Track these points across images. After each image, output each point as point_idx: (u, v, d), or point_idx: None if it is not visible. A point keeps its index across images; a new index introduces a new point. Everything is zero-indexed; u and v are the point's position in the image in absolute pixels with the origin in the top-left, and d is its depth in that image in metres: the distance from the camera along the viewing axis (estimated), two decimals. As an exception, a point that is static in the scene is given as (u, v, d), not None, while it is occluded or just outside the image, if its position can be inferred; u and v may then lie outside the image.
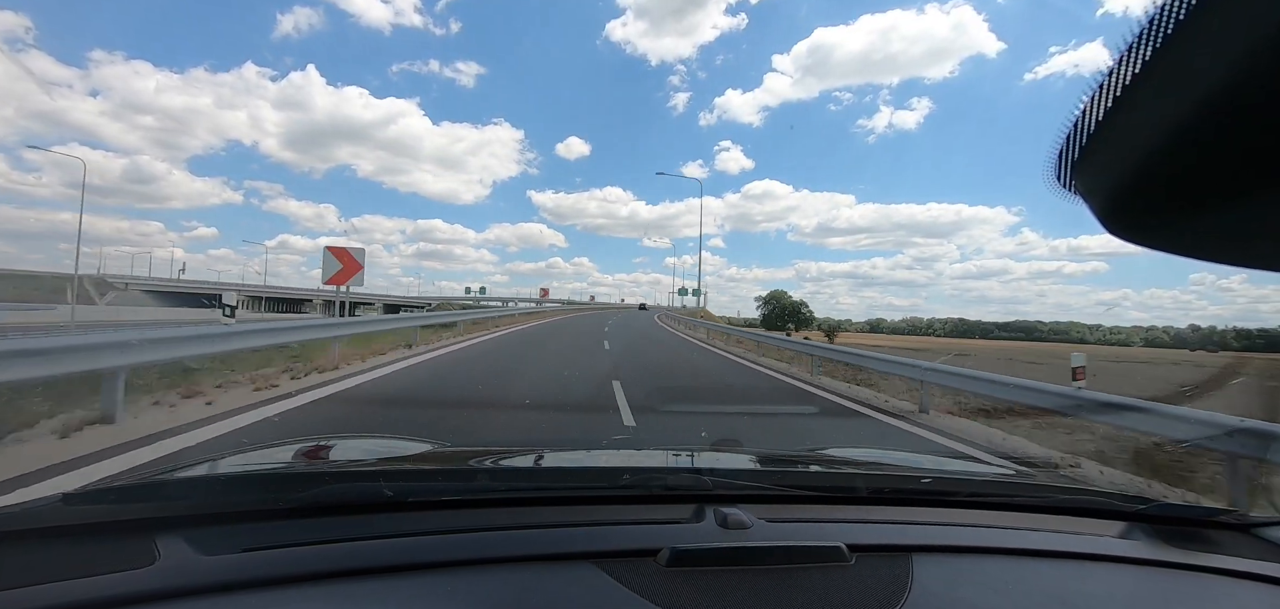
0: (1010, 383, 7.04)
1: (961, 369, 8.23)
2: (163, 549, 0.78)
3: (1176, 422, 4.80)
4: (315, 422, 5.53)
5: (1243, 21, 0.33)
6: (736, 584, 0.81)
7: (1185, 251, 0.49)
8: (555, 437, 5.53)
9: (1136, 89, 0.39)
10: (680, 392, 9.12)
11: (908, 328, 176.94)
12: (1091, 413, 5.81)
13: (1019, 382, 6.98)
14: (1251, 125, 0.36)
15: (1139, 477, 5.03)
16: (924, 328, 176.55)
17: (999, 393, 7.26)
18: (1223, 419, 4.27)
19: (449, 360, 10.93)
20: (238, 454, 1.47)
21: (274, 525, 0.89)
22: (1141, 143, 0.41)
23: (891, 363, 9.57)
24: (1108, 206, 0.48)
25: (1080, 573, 0.95)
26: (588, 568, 0.82)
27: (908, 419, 7.57)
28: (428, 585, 0.78)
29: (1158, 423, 4.98)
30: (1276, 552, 1.06)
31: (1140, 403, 5.26)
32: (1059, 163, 0.47)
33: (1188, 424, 4.65)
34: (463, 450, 1.47)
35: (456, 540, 0.87)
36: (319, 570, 0.78)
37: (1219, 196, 0.41)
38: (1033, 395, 6.64)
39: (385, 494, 0.96)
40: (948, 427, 7.17)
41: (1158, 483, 4.79)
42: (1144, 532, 1.08)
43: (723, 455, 1.51)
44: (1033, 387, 6.73)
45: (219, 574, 0.76)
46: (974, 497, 1.21)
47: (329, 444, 1.77)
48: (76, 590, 0.71)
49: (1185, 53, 0.36)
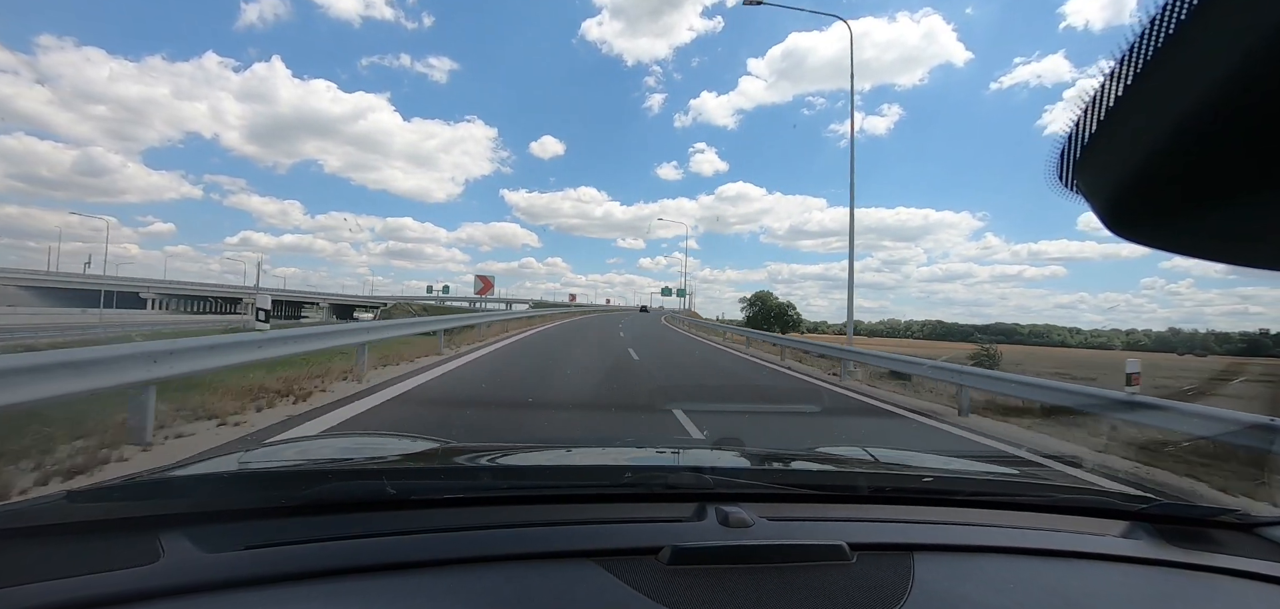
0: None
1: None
2: (167, 547, 0.79)
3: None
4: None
5: (1245, 21, 0.33)
6: (738, 583, 0.81)
7: (1187, 251, 0.49)
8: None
9: (1138, 88, 0.39)
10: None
11: (886, 330, 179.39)
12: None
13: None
14: (1254, 124, 0.36)
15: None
16: (902, 330, 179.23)
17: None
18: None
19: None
20: (240, 453, 1.45)
21: (277, 523, 0.89)
22: (1143, 142, 0.42)
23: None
24: (1109, 206, 0.48)
25: (1083, 572, 0.95)
26: (589, 566, 0.82)
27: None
28: (430, 583, 0.78)
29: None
30: (1279, 551, 1.06)
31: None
32: (1061, 162, 0.47)
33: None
34: (465, 448, 1.44)
35: (458, 538, 0.87)
36: (321, 568, 0.78)
37: (1221, 196, 0.41)
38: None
39: (387, 492, 0.97)
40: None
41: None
42: (1147, 531, 1.09)
43: (724, 454, 1.49)
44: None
45: (222, 571, 0.76)
46: (976, 495, 1.20)
47: (331, 443, 1.73)
48: (81, 587, 0.71)
49: (1187, 52, 0.36)
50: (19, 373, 3.42)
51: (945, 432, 7.06)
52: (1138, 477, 5.30)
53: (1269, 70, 0.33)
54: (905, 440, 6.50)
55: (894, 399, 9.54)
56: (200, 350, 5.04)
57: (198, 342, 5.11)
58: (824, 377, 12.32)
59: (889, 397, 9.84)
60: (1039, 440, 6.68)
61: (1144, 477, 5.33)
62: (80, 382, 3.73)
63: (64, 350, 3.75)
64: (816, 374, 12.81)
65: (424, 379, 8.40)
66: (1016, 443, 6.43)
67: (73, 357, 3.70)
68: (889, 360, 11.50)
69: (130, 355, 4.16)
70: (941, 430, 7.12)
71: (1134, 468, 5.57)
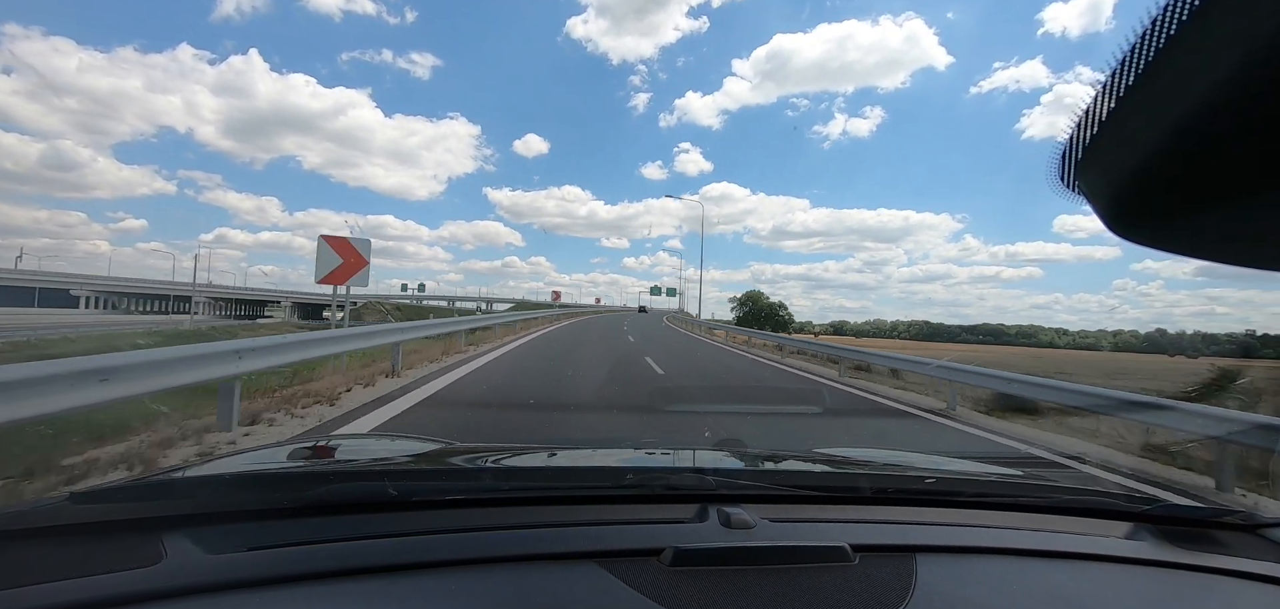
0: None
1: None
2: (169, 548, 0.80)
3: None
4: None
5: (1244, 23, 0.33)
6: (740, 584, 0.81)
7: (1189, 252, 0.49)
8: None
9: (1139, 90, 0.39)
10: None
11: (872, 330, 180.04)
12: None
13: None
14: (1254, 125, 0.36)
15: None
16: (888, 330, 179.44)
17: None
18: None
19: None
20: (243, 454, 1.53)
21: (279, 524, 0.90)
22: (1144, 144, 0.42)
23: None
24: (1111, 206, 0.48)
25: (1085, 573, 0.96)
26: (591, 567, 0.83)
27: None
28: (431, 584, 0.79)
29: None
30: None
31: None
32: (1063, 162, 0.47)
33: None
34: (467, 449, 1.46)
35: (460, 539, 0.88)
36: (324, 569, 0.79)
37: (1223, 197, 0.42)
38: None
39: (389, 493, 0.98)
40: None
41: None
42: (1150, 532, 1.09)
43: (726, 455, 1.49)
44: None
45: (225, 573, 0.77)
46: (978, 496, 1.22)
47: (334, 444, 1.90)
48: (84, 588, 0.72)
49: (1187, 54, 0.36)
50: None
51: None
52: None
53: (1269, 71, 0.33)
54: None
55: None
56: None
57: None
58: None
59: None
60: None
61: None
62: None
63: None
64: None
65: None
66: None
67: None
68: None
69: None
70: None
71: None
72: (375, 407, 6.24)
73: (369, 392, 7.12)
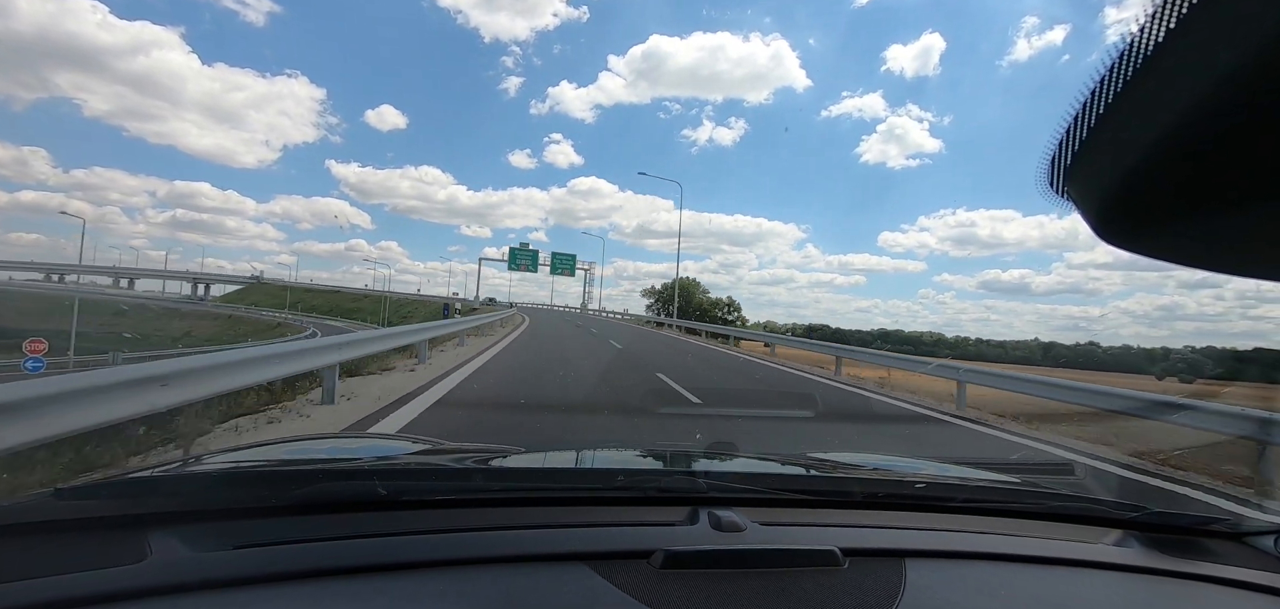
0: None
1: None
2: (154, 545, 0.81)
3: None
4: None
5: (1232, 32, 0.34)
6: (730, 587, 0.83)
7: (1176, 259, 0.50)
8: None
9: (1128, 97, 0.40)
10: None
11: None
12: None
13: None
14: (1242, 134, 0.37)
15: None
16: (781, 331, 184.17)
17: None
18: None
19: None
20: (230, 451, 1.66)
21: (266, 523, 0.91)
22: (1133, 150, 0.43)
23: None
24: (1099, 213, 0.50)
25: (1074, 580, 0.99)
26: (580, 569, 0.85)
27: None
28: (419, 585, 0.80)
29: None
30: (1268, 560, 1.11)
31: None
32: (1052, 169, 0.48)
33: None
34: (457, 449, 1.49)
35: (449, 540, 0.90)
36: (310, 568, 0.81)
37: (1210, 204, 0.43)
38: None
39: (378, 493, 0.99)
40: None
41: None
42: (1138, 539, 1.14)
43: (717, 458, 1.55)
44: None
45: (210, 571, 0.78)
46: (968, 502, 1.24)
47: (322, 442, 2.06)
48: (68, 585, 0.73)
49: (1176, 61, 0.37)
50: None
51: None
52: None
53: (1257, 81, 0.34)
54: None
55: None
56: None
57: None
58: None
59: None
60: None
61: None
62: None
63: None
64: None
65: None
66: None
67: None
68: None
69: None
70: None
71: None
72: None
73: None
